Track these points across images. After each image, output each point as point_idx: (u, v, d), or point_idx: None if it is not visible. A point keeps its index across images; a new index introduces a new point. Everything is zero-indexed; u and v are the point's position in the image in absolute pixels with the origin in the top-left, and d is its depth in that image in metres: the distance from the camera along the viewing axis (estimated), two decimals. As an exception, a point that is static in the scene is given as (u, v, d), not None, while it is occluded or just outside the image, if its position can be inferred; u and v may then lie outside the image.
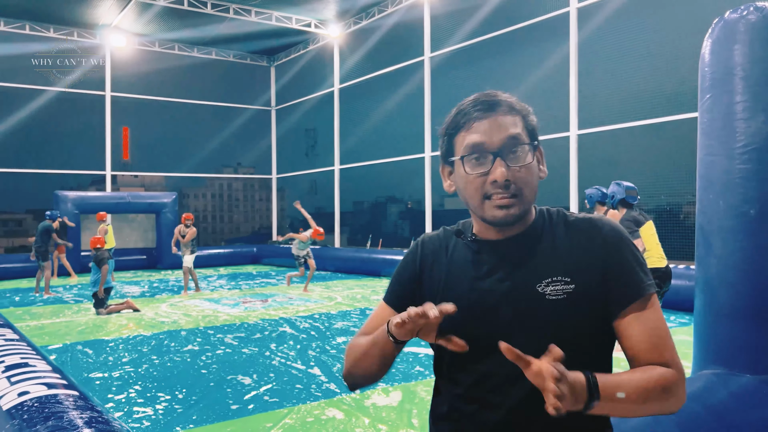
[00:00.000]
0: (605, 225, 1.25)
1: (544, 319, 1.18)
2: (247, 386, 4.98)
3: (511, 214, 1.20)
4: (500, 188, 1.18)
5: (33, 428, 2.21)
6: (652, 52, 11.17)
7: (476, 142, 1.20)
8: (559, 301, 1.18)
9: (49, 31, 17.40)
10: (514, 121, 1.21)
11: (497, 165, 1.18)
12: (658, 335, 1.20)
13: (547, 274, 1.20)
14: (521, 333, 1.19)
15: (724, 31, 2.73)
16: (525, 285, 1.21)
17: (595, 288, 1.19)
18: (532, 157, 1.21)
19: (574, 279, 1.19)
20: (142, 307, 9.44)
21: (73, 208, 15.33)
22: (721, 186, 2.69)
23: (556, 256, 1.22)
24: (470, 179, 1.22)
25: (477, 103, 1.23)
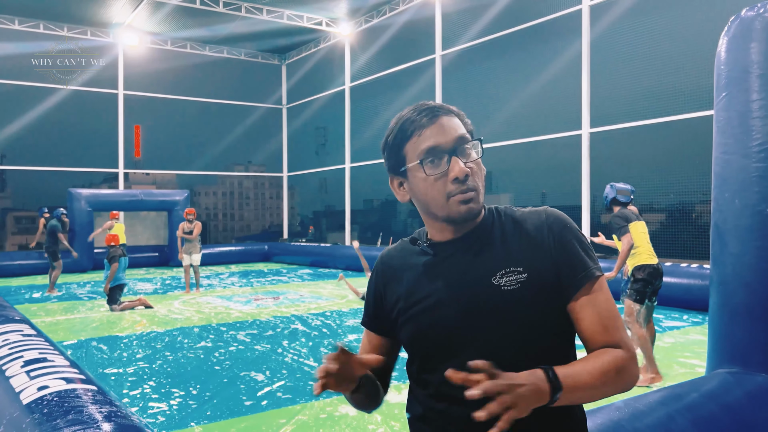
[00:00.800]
0: (549, 213, 1.30)
1: (502, 309, 1.21)
2: (260, 383, 5.02)
3: (473, 208, 1.25)
4: (461, 183, 1.23)
5: (53, 422, 2.25)
6: (665, 50, 11.10)
7: (431, 146, 1.24)
8: (514, 290, 1.21)
9: (63, 30, 17.54)
10: (457, 122, 1.28)
11: (454, 162, 1.23)
12: (608, 317, 1.23)
13: (500, 266, 1.23)
14: (482, 327, 1.22)
15: (740, 29, 2.72)
16: (481, 279, 1.24)
17: (546, 275, 1.23)
18: (480, 153, 1.28)
19: (526, 268, 1.23)
20: (155, 304, 9.51)
21: (87, 205, 15.46)
22: (737, 184, 2.68)
23: (507, 248, 1.26)
24: (431, 181, 1.25)
25: (420, 111, 1.28)
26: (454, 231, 1.30)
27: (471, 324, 1.23)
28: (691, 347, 6.19)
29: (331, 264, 16.26)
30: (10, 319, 4.09)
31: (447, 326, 1.25)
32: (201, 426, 3.99)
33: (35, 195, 20.39)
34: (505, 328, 1.21)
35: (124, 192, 17.33)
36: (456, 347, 1.24)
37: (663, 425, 2.16)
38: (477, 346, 1.22)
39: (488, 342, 1.21)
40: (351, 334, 7.04)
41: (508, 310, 1.21)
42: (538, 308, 1.22)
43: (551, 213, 1.30)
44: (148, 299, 9.59)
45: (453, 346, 1.24)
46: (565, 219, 1.30)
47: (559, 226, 1.27)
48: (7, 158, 18.53)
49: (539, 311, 1.22)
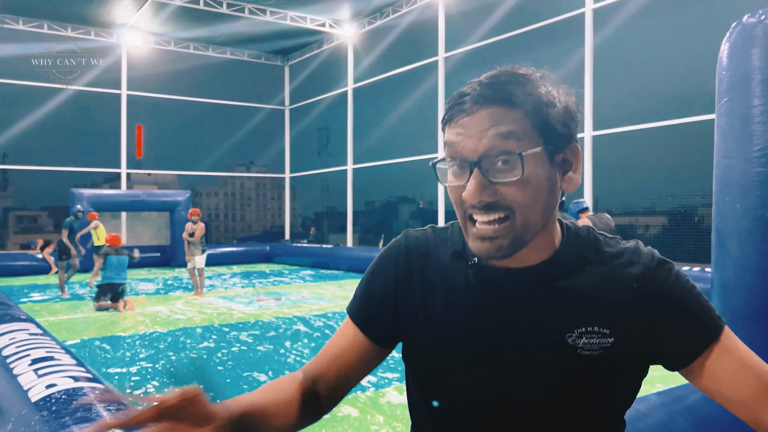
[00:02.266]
0: (658, 262, 0.95)
1: (574, 378, 0.92)
2: (262, 383, 5.04)
3: (493, 248, 0.89)
4: (476, 210, 0.89)
5: (62, 419, 2.28)
6: (667, 54, 11.13)
7: (451, 146, 0.92)
8: (594, 357, 0.91)
9: (67, 30, 17.61)
10: (516, 116, 0.88)
11: (472, 179, 0.88)
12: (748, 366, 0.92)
13: (579, 322, 0.92)
14: (535, 390, 0.93)
15: (742, 35, 2.75)
16: (551, 332, 0.92)
17: (636, 342, 0.92)
18: (522, 172, 0.87)
19: (614, 331, 0.91)
20: (157, 305, 9.55)
21: (89, 205, 15.49)
22: (738, 189, 2.71)
23: (591, 297, 0.93)
24: (450, 190, 0.94)
25: (473, 88, 0.92)
26: (513, 260, 0.94)
27: (526, 383, 0.93)
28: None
29: (333, 265, 16.29)
30: (16, 318, 4.12)
31: (492, 378, 0.95)
32: (205, 425, 4.02)
33: (37, 194, 20.46)
34: (569, 397, 0.93)
35: (126, 192, 17.38)
36: (495, 410, 0.96)
37: (664, 426, 2.19)
38: (524, 414, 0.94)
39: (541, 411, 0.94)
40: (353, 335, 7.07)
41: (582, 379, 0.91)
42: (612, 383, 0.93)
43: (660, 262, 0.95)
44: (150, 300, 9.62)
45: (493, 408, 0.96)
46: (671, 268, 0.95)
47: (668, 279, 0.93)
48: (10, 157, 18.61)
49: (612, 387, 0.94)
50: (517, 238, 0.89)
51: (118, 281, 9.17)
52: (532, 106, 0.89)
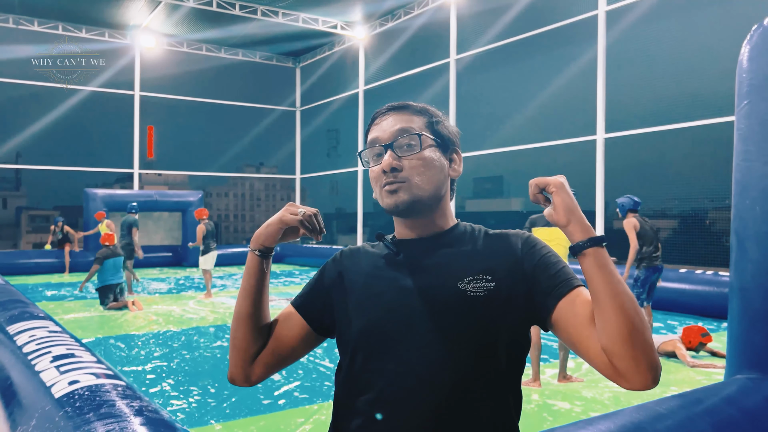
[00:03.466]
0: (524, 233, 1.28)
1: (464, 314, 1.17)
2: (276, 382, 5.07)
3: (400, 200, 1.23)
4: (387, 176, 1.25)
5: (85, 415, 2.31)
6: (680, 56, 11.08)
7: (372, 138, 1.30)
8: (479, 297, 1.17)
9: (82, 31, 17.76)
10: (414, 119, 1.29)
11: (386, 155, 1.25)
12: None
13: (467, 273, 1.20)
14: (437, 328, 1.17)
15: (762, 37, 2.75)
16: (445, 280, 1.20)
17: (516, 287, 1.19)
18: (421, 147, 1.25)
19: (494, 277, 1.19)
20: (170, 304, 9.60)
21: (102, 205, 15.62)
22: (758, 192, 2.70)
23: (477, 258, 1.23)
24: (372, 174, 1.30)
25: (384, 107, 1.33)
26: (415, 230, 1.30)
27: (428, 320, 1.18)
28: (708, 355, 6.18)
29: (343, 266, 16.28)
30: (35, 316, 4.17)
31: (402, 319, 1.20)
32: (221, 424, 4.05)
33: (50, 194, 20.61)
34: (461, 333, 1.17)
35: (139, 192, 17.50)
36: (406, 343, 1.18)
37: (683, 427, 2.19)
38: (427, 345, 1.17)
39: (440, 342, 1.16)
40: (365, 336, 7.09)
41: (471, 314, 1.17)
42: (500, 318, 1.18)
43: (523, 233, 1.29)
44: (164, 299, 9.67)
45: (404, 341, 1.18)
46: (538, 239, 1.27)
47: (533, 243, 1.25)
48: (24, 157, 18.79)
49: (500, 322, 1.18)
50: (414, 196, 1.23)
51: (114, 282, 9.15)
52: (426, 116, 1.31)
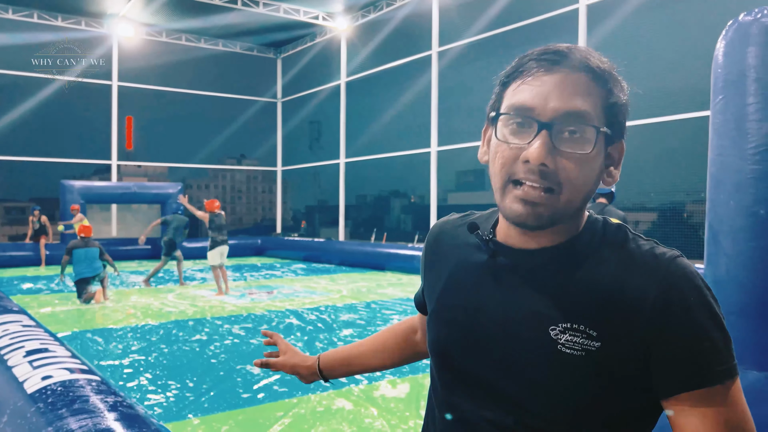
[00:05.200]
0: (674, 270, 0.86)
1: (542, 374, 0.88)
2: (256, 376, 5.05)
3: (533, 215, 0.87)
4: (533, 173, 0.86)
5: (58, 411, 2.28)
6: (660, 50, 11.18)
7: (523, 103, 0.88)
8: (573, 357, 0.85)
9: (57, 19, 17.44)
10: (590, 91, 0.87)
11: (538, 139, 0.86)
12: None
13: (567, 317, 0.87)
14: (504, 379, 0.92)
15: (737, 33, 2.77)
16: (535, 321, 0.89)
17: (625, 355, 0.85)
18: (593, 148, 0.87)
19: (601, 335, 0.85)
20: (149, 297, 9.51)
21: (79, 197, 15.41)
22: (732, 186, 2.74)
23: (589, 296, 0.87)
24: (500, 148, 0.90)
25: (547, 51, 0.90)
26: (527, 237, 0.94)
27: (498, 368, 0.92)
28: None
29: (325, 259, 16.29)
30: (8, 310, 4.10)
31: (465, 357, 0.96)
32: (199, 418, 4.03)
33: (26, 186, 20.27)
34: (539, 396, 0.88)
35: (117, 184, 17.27)
36: (474, 385, 0.96)
37: (658, 420, 2.22)
38: (501, 396, 0.92)
39: (508, 400, 0.91)
40: (345, 329, 7.08)
41: (558, 375, 0.86)
42: (597, 389, 0.86)
43: (677, 270, 0.86)
44: (142, 292, 9.57)
45: (472, 373, 0.96)
46: (695, 290, 0.85)
47: (678, 299, 0.83)
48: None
49: (599, 393, 0.86)
50: (556, 214, 0.88)
51: (88, 275, 8.96)
52: (609, 88, 0.89)
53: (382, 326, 7.24)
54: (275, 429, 3.82)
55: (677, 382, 0.83)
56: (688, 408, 0.83)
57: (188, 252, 17.10)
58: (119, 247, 16.73)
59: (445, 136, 15.20)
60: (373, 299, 9.59)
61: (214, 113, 21.31)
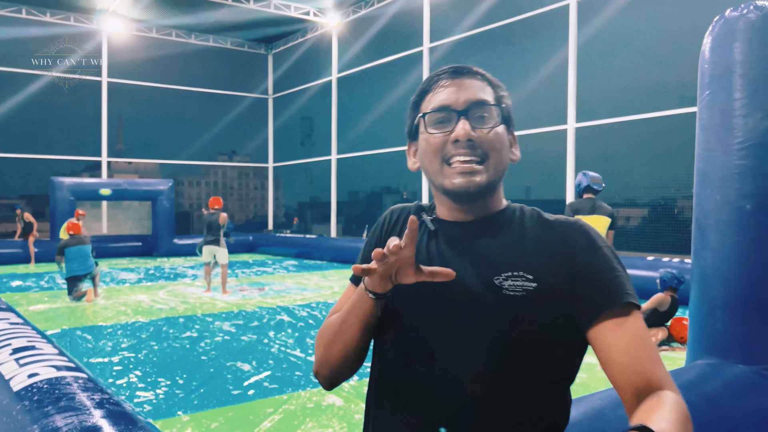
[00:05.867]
0: (584, 226, 1.11)
1: (496, 312, 1.05)
2: (246, 372, 5.04)
3: (474, 183, 1.08)
4: (462, 148, 1.08)
5: (44, 409, 2.26)
6: (651, 46, 11.22)
7: (441, 103, 1.12)
8: (516, 297, 1.04)
9: (46, 15, 17.29)
10: (484, 87, 1.14)
11: (460, 123, 1.09)
12: (645, 348, 1.01)
13: (507, 267, 1.07)
14: (467, 323, 1.07)
15: (724, 28, 2.78)
16: (482, 274, 1.07)
17: (559, 292, 1.05)
18: (500, 122, 1.12)
19: (537, 278, 1.05)
20: (139, 294, 9.47)
21: (69, 194, 15.30)
22: (719, 181, 2.75)
23: (522, 251, 1.08)
24: (430, 140, 1.12)
25: (446, 68, 1.16)
26: (462, 212, 1.14)
27: (456, 316, 1.08)
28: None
29: (317, 255, 16.27)
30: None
31: (433, 311, 1.09)
32: (188, 415, 4.02)
33: (15, 183, 20.12)
34: (490, 332, 1.05)
35: (107, 181, 17.17)
36: (435, 346, 1.09)
37: (644, 414, 2.22)
38: (456, 348, 1.07)
39: (466, 341, 1.06)
40: (337, 325, 7.08)
41: (502, 314, 1.05)
42: (537, 323, 1.04)
43: (583, 227, 1.10)
44: (133, 289, 9.53)
45: (436, 337, 1.09)
46: (600, 239, 1.09)
47: (590, 243, 1.08)
48: (-14, 145, 18.28)
49: (538, 327, 1.04)
50: (490, 180, 1.10)
51: (81, 273, 8.87)
52: (498, 91, 1.16)
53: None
54: (265, 425, 3.82)
55: (599, 303, 1.03)
56: (610, 325, 1.02)
57: (179, 248, 17.07)
58: (110, 244, 16.66)
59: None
60: (365, 295, 9.58)
61: (205, 109, 21.23)
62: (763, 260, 2.63)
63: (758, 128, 2.64)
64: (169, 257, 16.70)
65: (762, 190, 2.63)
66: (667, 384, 1.00)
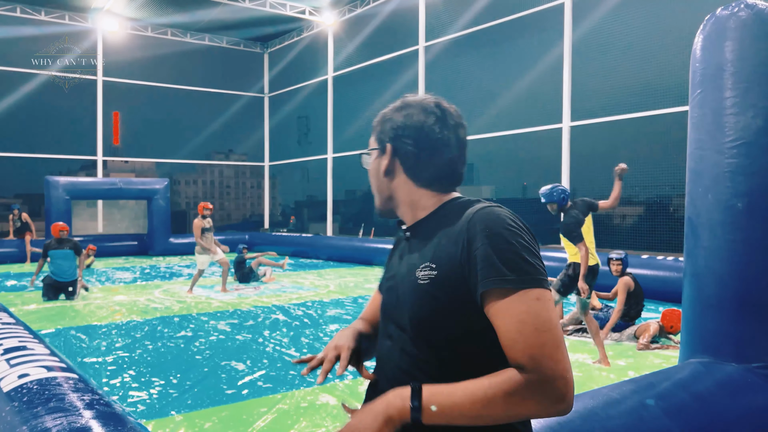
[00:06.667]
0: (477, 216, 1.22)
1: (412, 302, 1.27)
2: (240, 372, 5.03)
3: (377, 208, 1.47)
4: None
5: (34, 410, 2.25)
6: (646, 45, 11.22)
7: None
8: (423, 285, 1.24)
9: (41, 14, 17.23)
10: (371, 139, 1.47)
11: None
12: (519, 331, 1.10)
13: (423, 260, 1.27)
14: (400, 314, 1.32)
15: (715, 27, 2.78)
16: (409, 269, 1.31)
17: (454, 278, 1.20)
18: (371, 162, 1.45)
19: (438, 266, 1.23)
20: (136, 294, 9.46)
21: (65, 193, 15.26)
22: (710, 180, 2.75)
23: (433, 245, 1.28)
24: None
25: None
26: (406, 220, 1.42)
27: (396, 306, 1.33)
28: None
29: (313, 254, 16.26)
30: (-13, 308, 4.05)
31: (388, 301, 1.39)
32: (182, 415, 4.01)
33: (10, 182, 20.06)
34: (409, 321, 1.28)
35: (102, 180, 17.13)
36: (389, 324, 1.37)
37: (635, 412, 2.23)
38: (394, 328, 1.34)
39: (398, 327, 1.32)
40: (332, 324, 7.08)
41: (418, 302, 1.25)
42: (440, 308, 1.21)
43: (479, 215, 1.22)
44: (128, 288, 9.49)
45: (389, 322, 1.37)
46: (491, 224, 1.18)
47: (477, 230, 1.19)
48: (-19, 144, 18.21)
49: (442, 312, 1.21)
50: (380, 204, 1.45)
51: (62, 280, 8.69)
52: (375, 129, 1.47)
53: (369, 321, 7.23)
54: (258, 425, 3.81)
55: (477, 287, 1.16)
56: (494, 308, 1.14)
57: (175, 247, 17.04)
58: (105, 243, 16.61)
59: (432, 130, 15.17)
60: (360, 294, 9.59)
61: (201, 108, 21.18)
62: (755, 259, 2.63)
63: (750, 126, 2.64)
64: (164, 256, 16.66)
65: (754, 188, 2.63)
66: (528, 365, 1.09)
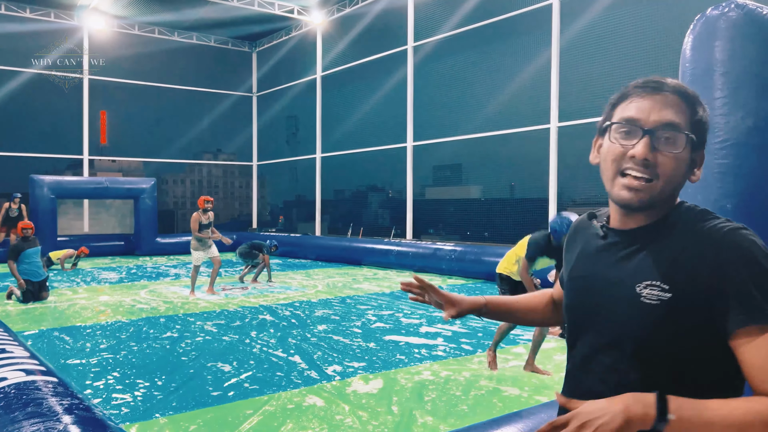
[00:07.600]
0: (728, 235, 1.12)
1: (633, 320, 1.17)
2: (227, 373, 4.98)
3: (637, 199, 1.17)
4: (637, 165, 1.16)
5: (11, 415, 2.19)
6: (633, 45, 11.27)
7: (631, 116, 1.19)
8: (650, 305, 1.14)
9: (26, 11, 17.02)
10: (680, 108, 1.17)
11: (642, 141, 1.16)
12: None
13: (648, 276, 1.16)
14: (608, 326, 1.22)
15: (705, 27, 2.77)
16: (626, 281, 1.19)
17: (693, 303, 1.11)
18: (683, 149, 1.17)
19: (672, 287, 1.12)
20: (121, 295, 9.35)
21: (50, 192, 15.08)
22: (699, 180, 2.74)
23: (663, 258, 1.16)
24: (611, 148, 1.21)
25: (648, 81, 1.21)
26: (627, 219, 1.24)
27: (605, 318, 1.23)
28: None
29: (301, 254, 16.19)
30: (-33, 309, 3.97)
31: (588, 309, 1.28)
32: (166, 417, 3.95)
33: (-5, 181, 19.79)
34: (627, 340, 1.18)
35: (88, 179, 16.95)
36: (589, 333, 1.27)
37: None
38: (602, 342, 1.23)
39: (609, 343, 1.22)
40: (320, 325, 7.03)
41: (640, 324, 1.15)
42: (674, 333, 1.13)
43: (733, 237, 1.12)
44: (114, 288, 9.40)
45: (588, 331, 1.27)
46: (746, 252, 1.10)
47: (732, 256, 1.09)
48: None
49: (676, 336, 1.13)
50: (653, 198, 1.18)
51: (36, 279, 8.57)
52: (694, 108, 1.19)
53: (357, 322, 7.20)
54: (244, 427, 3.76)
55: (732, 320, 1.08)
56: (747, 343, 1.07)
57: (162, 247, 16.91)
58: (92, 243, 16.43)
59: (421, 131, 15.18)
60: (348, 294, 9.54)
61: (189, 107, 21.02)
62: (744, 260, 2.62)
63: (739, 127, 2.63)
64: (151, 256, 16.53)
65: (743, 189, 2.62)
66: None
